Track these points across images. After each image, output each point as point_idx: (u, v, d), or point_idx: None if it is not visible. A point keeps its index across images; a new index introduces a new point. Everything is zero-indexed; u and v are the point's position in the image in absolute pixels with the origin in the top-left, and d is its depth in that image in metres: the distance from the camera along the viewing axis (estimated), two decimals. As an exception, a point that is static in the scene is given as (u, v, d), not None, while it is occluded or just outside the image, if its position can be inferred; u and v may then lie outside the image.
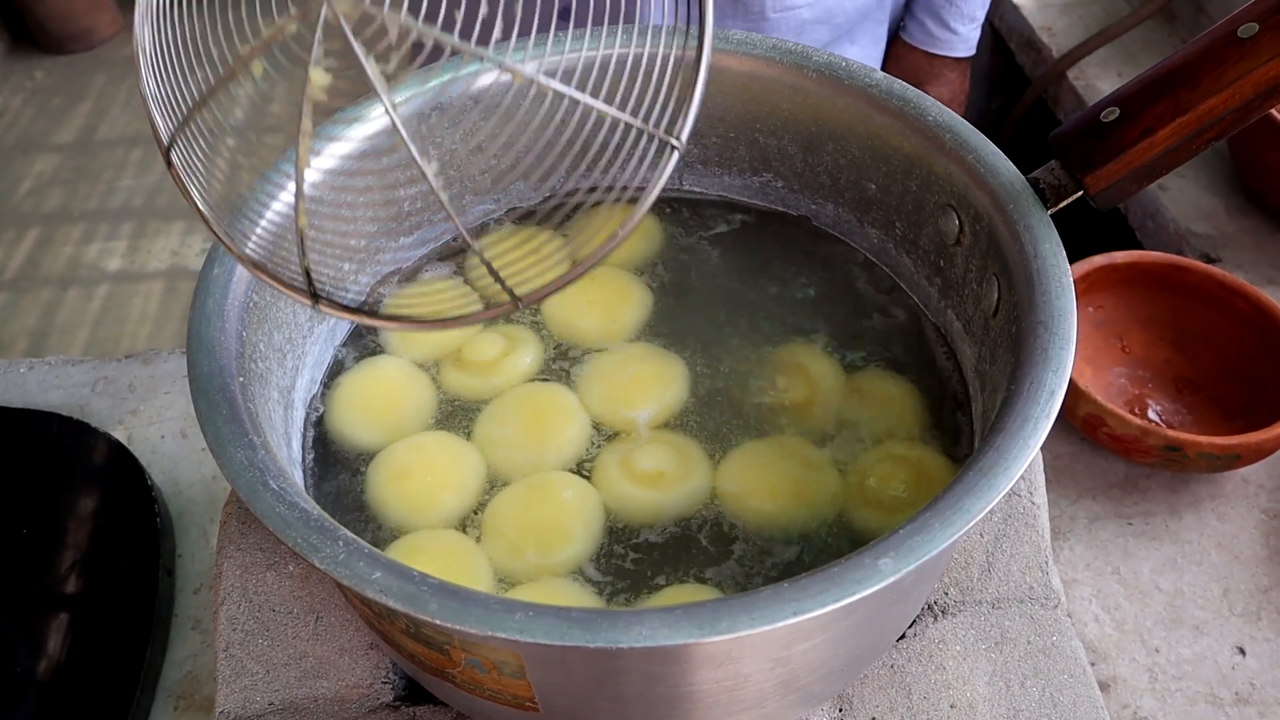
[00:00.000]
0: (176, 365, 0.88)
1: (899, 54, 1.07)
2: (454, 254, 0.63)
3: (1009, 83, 1.36)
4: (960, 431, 0.55)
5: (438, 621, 0.35)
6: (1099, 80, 1.15)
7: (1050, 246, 0.47)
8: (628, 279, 0.63)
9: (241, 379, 0.44)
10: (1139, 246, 1.03)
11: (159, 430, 0.83)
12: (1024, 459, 0.39)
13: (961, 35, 1.04)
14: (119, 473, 0.76)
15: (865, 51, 1.00)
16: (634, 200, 0.35)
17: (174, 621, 0.71)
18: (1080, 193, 0.49)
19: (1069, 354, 0.42)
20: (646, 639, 0.34)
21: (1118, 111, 0.48)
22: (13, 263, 2.19)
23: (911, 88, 0.55)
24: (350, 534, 0.38)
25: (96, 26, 2.77)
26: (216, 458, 0.40)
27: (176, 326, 2.04)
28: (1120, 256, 0.79)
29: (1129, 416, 0.69)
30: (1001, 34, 1.34)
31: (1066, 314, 0.44)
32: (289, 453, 0.50)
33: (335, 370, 0.59)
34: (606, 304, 0.61)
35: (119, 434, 0.80)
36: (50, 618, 0.67)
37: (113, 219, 2.29)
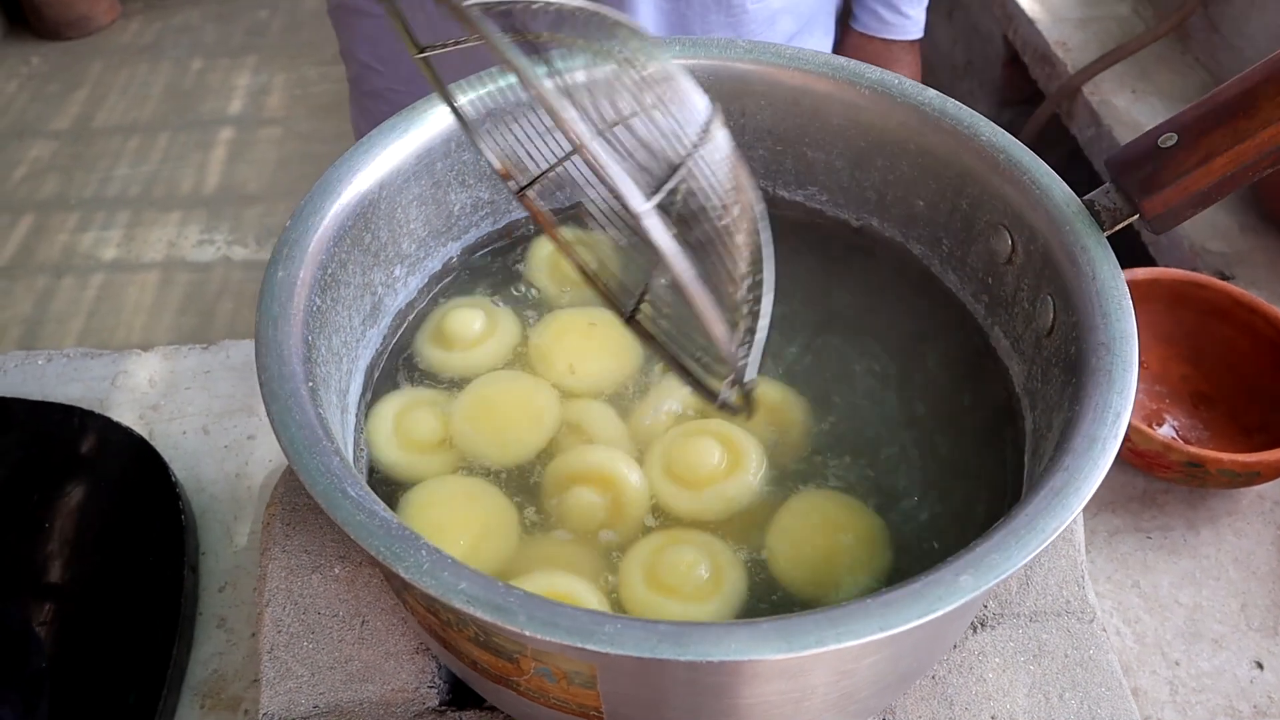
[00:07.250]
0: (197, 360, 0.87)
1: (856, 43, 1.08)
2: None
3: (1020, 96, 1.37)
4: (1012, 445, 0.55)
5: (526, 632, 0.35)
6: (1113, 96, 1.16)
7: (1109, 269, 0.48)
8: None
9: (310, 384, 0.44)
10: (1153, 263, 1.04)
11: (180, 426, 0.83)
12: (1095, 479, 0.39)
13: (913, 19, 1.06)
14: (142, 468, 0.75)
15: (819, 42, 1.02)
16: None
17: (199, 620, 0.70)
18: (1136, 216, 0.50)
19: (1132, 376, 0.43)
20: (736, 653, 0.34)
21: (1175, 138, 0.48)
22: (6, 250, 2.17)
23: (965, 107, 0.56)
24: (431, 543, 0.38)
25: (94, 13, 2.74)
26: (293, 463, 0.40)
27: (172, 318, 2.03)
28: (1140, 273, 0.80)
29: (1152, 433, 0.70)
30: (1016, 48, 1.35)
31: (1128, 337, 0.45)
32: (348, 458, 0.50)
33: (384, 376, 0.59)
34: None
35: (139, 429, 0.79)
36: (74, 615, 0.67)
37: (108, 207, 2.27)
